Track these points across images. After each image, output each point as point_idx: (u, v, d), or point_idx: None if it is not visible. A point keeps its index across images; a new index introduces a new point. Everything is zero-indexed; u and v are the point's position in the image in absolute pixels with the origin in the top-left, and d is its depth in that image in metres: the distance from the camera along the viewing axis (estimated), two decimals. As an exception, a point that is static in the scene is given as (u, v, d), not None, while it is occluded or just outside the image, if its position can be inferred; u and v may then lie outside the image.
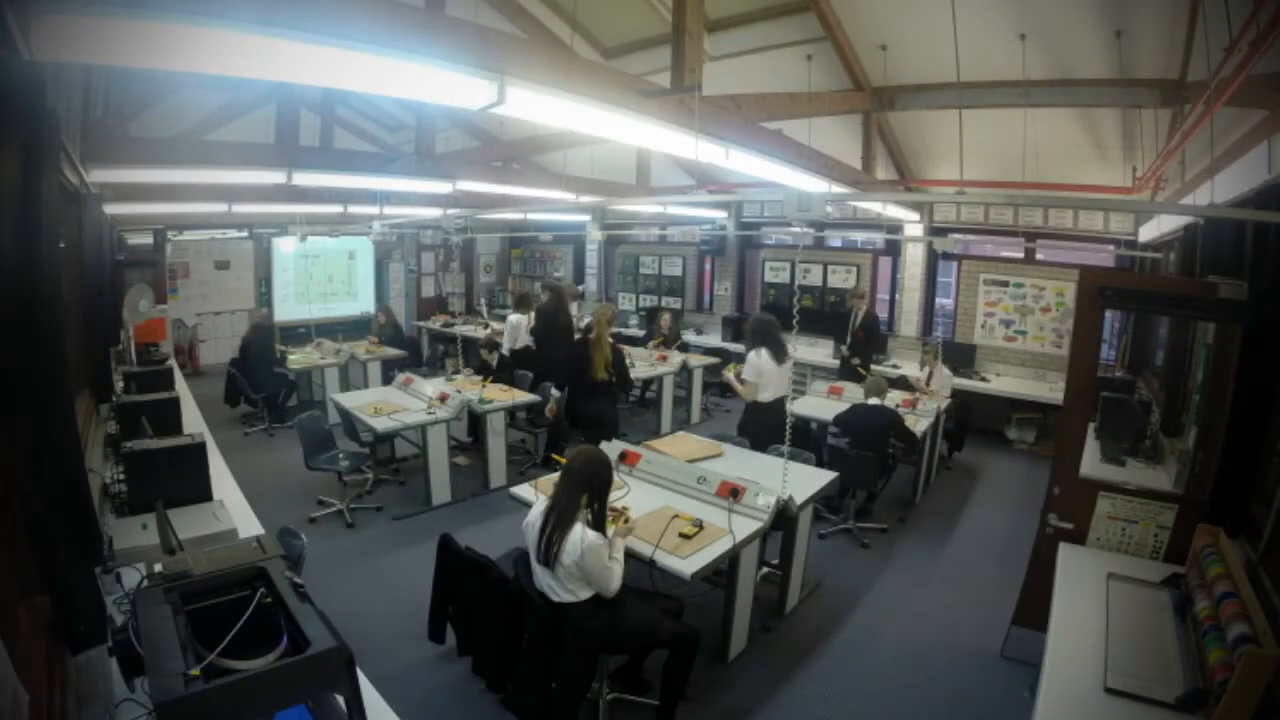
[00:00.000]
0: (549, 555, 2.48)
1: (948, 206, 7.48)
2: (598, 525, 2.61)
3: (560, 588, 2.51)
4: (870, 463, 4.52)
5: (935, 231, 7.59)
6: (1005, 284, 7.28)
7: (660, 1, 5.18)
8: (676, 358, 7.28)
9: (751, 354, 4.68)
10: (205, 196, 6.67)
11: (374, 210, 7.90)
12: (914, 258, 7.89)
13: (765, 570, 3.89)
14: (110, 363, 4.63)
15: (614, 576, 2.51)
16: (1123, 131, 5.44)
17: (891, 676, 3.24)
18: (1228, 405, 2.60)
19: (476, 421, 5.69)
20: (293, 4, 1.46)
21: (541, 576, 2.57)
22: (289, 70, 1.66)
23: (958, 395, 6.14)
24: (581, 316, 7.84)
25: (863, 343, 7.06)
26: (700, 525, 3.07)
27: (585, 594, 2.51)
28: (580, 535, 2.45)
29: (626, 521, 2.97)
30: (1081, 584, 2.60)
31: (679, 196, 7.08)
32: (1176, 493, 3.12)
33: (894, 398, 5.60)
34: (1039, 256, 7.34)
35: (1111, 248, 6.38)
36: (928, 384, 5.87)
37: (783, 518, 3.30)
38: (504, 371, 6.42)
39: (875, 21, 4.92)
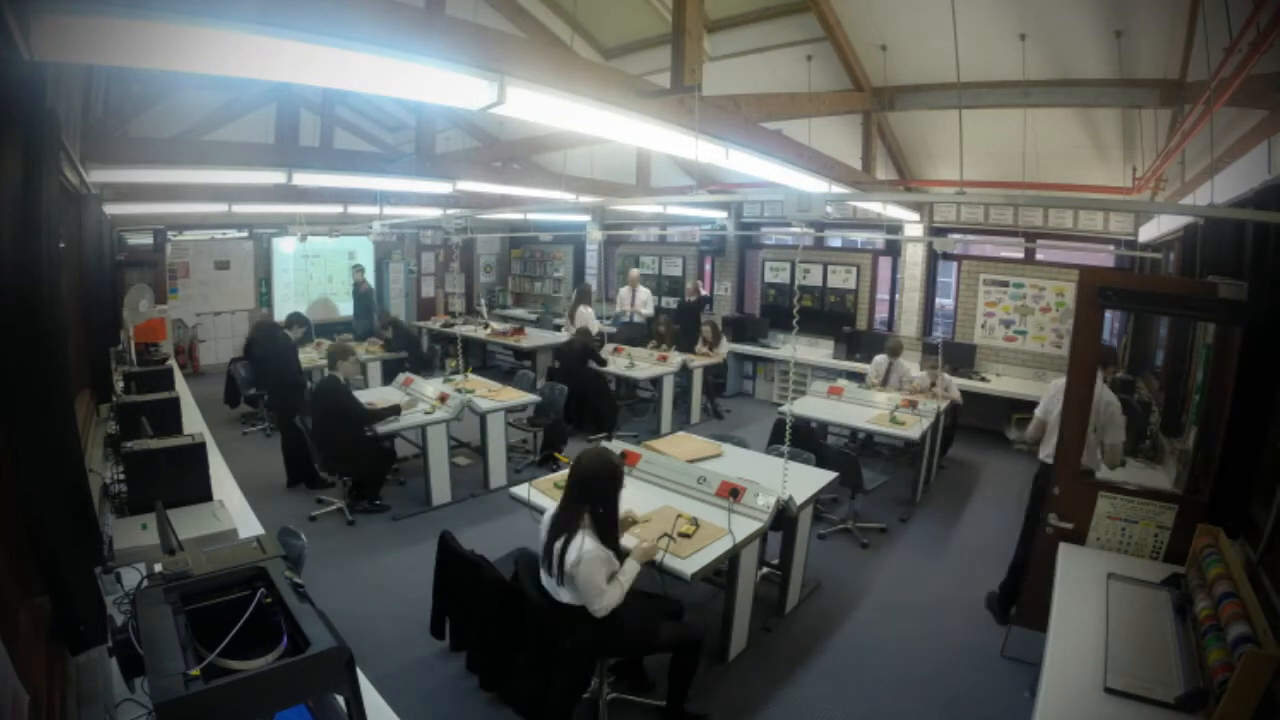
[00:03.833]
0: (550, 562, 2.45)
1: (948, 207, 7.48)
2: (606, 535, 2.46)
3: (564, 589, 2.49)
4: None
5: (935, 231, 7.59)
6: (1005, 284, 7.28)
7: (660, 1, 5.19)
8: (676, 358, 7.28)
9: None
10: (205, 196, 6.68)
11: (374, 210, 7.90)
12: (914, 258, 7.89)
13: (765, 570, 3.89)
14: (110, 363, 4.63)
15: (604, 597, 2.36)
16: (1123, 131, 5.44)
17: (891, 676, 3.25)
18: (1228, 405, 2.61)
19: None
20: (293, 4, 1.46)
21: (545, 577, 2.56)
22: (289, 70, 1.66)
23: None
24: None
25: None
26: (698, 524, 3.07)
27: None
28: (579, 544, 2.36)
29: (634, 523, 2.88)
30: (1081, 584, 2.60)
31: (679, 196, 7.08)
32: (1176, 493, 3.12)
33: (893, 398, 5.61)
34: (1039, 257, 7.34)
35: (1111, 248, 6.38)
36: (931, 387, 5.89)
37: (783, 518, 3.30)
38: None
39: (875, 22, 4.92)
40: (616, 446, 3.94)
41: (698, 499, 3.42)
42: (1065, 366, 3.28)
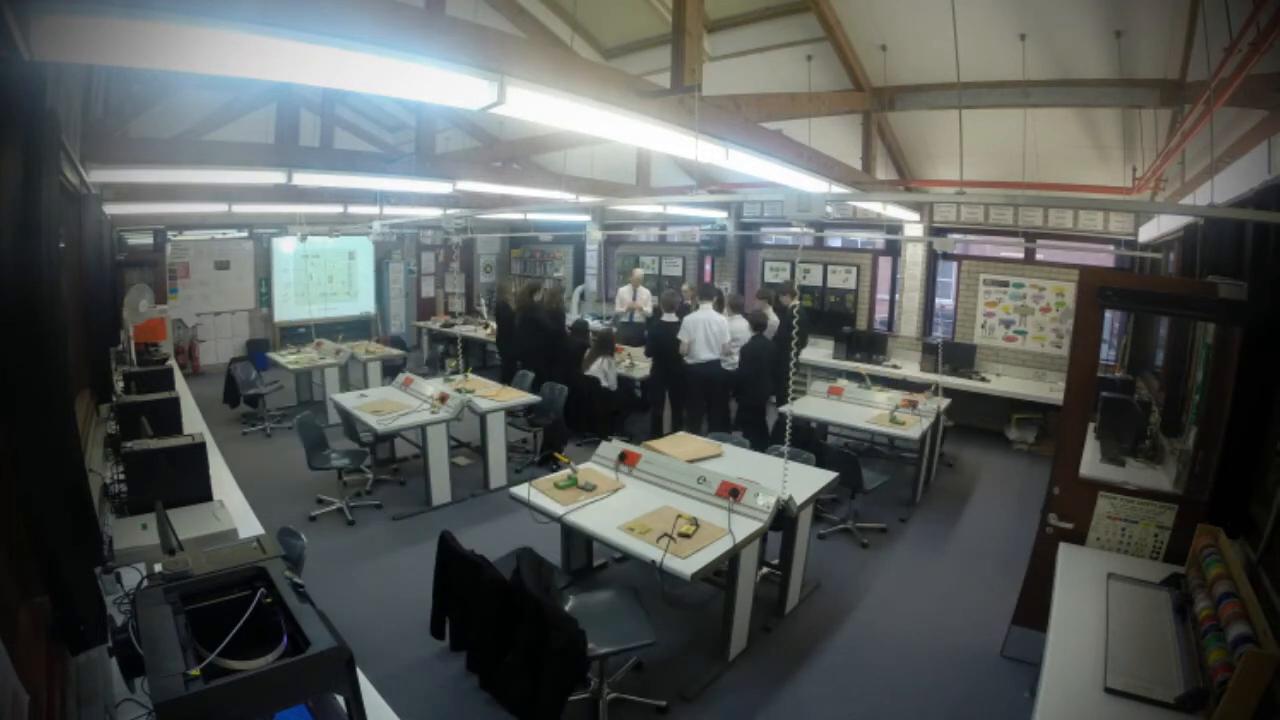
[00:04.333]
0: None
1: (948, 207, 7.48)
2: None
3: None
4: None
5: (935, 231, 7.59)
6: (1005, 284, 7.28)
7: (660, 1, 5.18)
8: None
9: None
10: (205, 196, 6.68)
11: (374, 210, 7.91)
12: (914, 258, 7.89)
13: (765, 570, 3.89)
14: (110, 363, 4.63)
15: None
16: (1123, 131, 5.44)
17: (891, 676, 3.25)
18: (1228, 405, 2.60)
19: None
20: (293, 4, 1.46)
21: None
22: (289, 70, 1.66)
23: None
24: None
25: None
26: (698, 524, 3.07)
27: None
28: None
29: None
30: (1081, 584, 2.60)
31: (679, 196, 7.08)
32: (1176, 493, 3.12)
33: (893, 398, 5.61)
34: (1039, 257, 7.34)
35: (1111, 248, 6.38)
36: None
37: (783, 518, 3.30)
38: None
39: (875, 21, 4.92)
40: (615, 447, 3.94)
41: (698, 499, 3.42)
42: (1065, 366, 3.29)
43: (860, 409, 5.56)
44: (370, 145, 8.87)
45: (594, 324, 7.94)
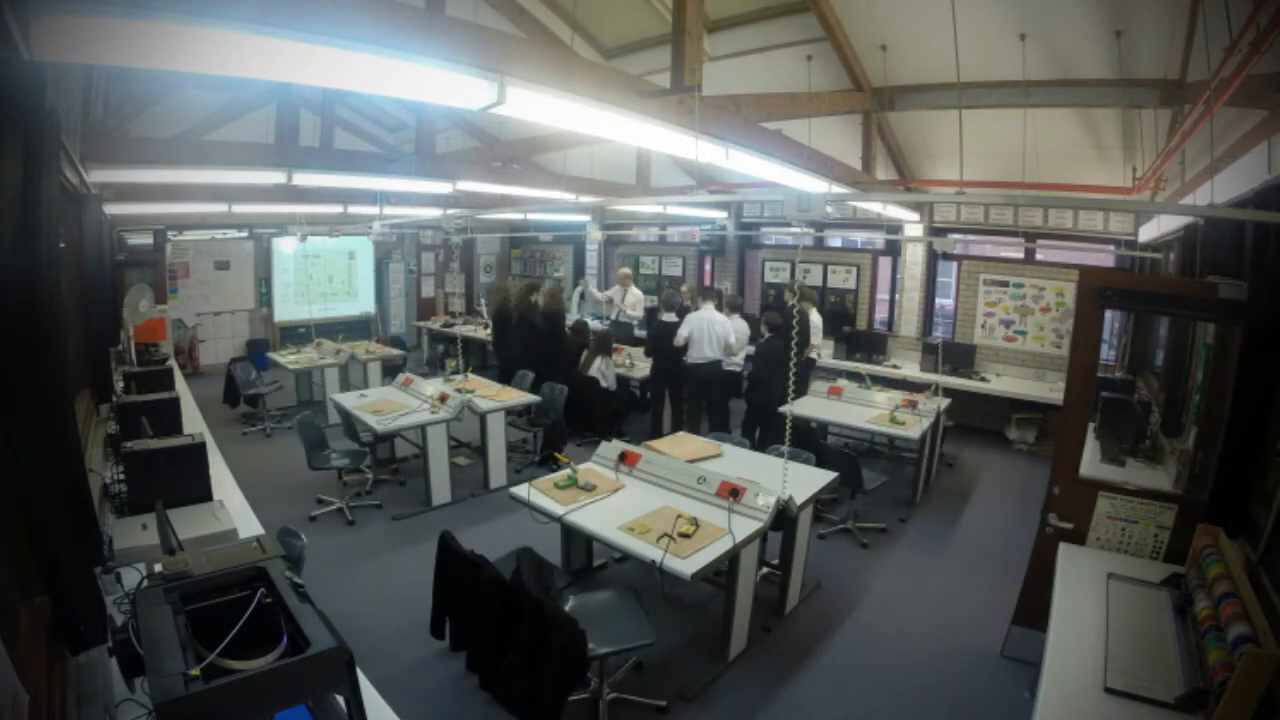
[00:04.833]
0: None
1: (948, 207, 7.48)
2: None
3: None
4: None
5: (935, 231, 7.59)
6: (1005, 284, 7.28)
7: (660, 1, 5.19)
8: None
9: None
10: (205, 196, 6.68)
11: (374, 210, 7.91)
12: (914, 258, 7.89)
13: (765, 570, 3.90)
14: (110, 363, 4.63)
15: None
16: (1123, 131, 5.44)
17: (891, 677, 3.25)
18: (1228, 405, 2.60)
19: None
20: (293, 4, 1.46)
21: None
22: (289, 70, 1.66)
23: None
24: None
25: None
26: (698, 524, 3.07)
27: None
28: None
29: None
30: (1081, 584, 2.60)
31: (679, 196, 7.08)
32: (1176, 493, 3.12)
33: (893, 398, 5.61)
34: (1039, 257, 7.34)
35: (1111, 248, 6.38)
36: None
37: (783, 518, 3.30)
38: None
39: (875, 22, 4.92)
40: (615, 447, 3.94)
41: (698, 499, 3.42)
42: (1065, 366, 3.29)
43: (860, 409, 5.56)
44: (370, 145, 8.87)
45: (593, 324, 7.93)
